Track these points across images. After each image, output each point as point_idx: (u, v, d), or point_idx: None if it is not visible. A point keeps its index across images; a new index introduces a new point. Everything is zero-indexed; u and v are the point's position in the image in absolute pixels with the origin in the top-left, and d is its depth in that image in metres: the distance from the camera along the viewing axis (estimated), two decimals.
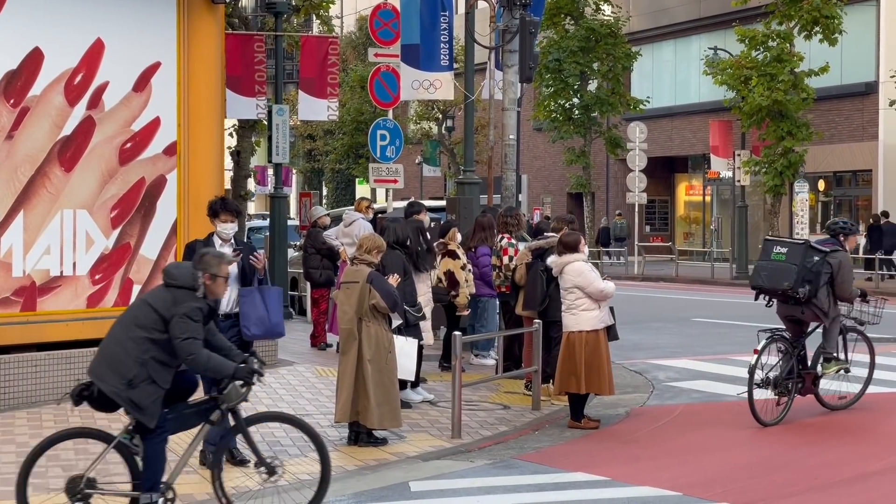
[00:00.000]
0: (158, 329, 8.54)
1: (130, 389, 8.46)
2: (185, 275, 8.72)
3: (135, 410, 8.53)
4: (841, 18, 34.70)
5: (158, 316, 8.55)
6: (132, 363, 8.49)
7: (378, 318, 11.34)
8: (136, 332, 8.59)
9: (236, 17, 24.66)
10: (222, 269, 8.84)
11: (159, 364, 8.52)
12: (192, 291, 8.60)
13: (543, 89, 42.45)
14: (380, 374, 11.26)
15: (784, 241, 13.25)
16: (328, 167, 60.43)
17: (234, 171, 26.77)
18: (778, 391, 12.59)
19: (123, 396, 8.49)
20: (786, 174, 35.43)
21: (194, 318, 8.50)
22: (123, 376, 8.47)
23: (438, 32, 18.68)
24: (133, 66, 14.27)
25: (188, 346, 8.45)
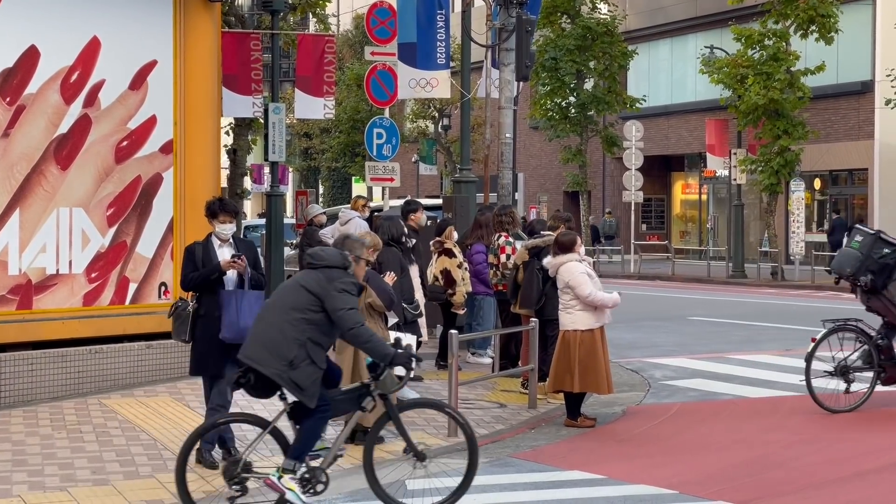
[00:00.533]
0: (313, 309, 8.69)
1: (292, 370, 8.65)
2: (333, 255, 8.93)
3: (296, 391, 8.71)
4: (837, 17, 34.73)
5: (313, 295, 8.70)
6: (291, 344, 8.65)
7: (374, 317, 11.33)
8: (292, 314, 8.71)
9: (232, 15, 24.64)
10: (364, 251, 9.19)
11: (316, 345, 8.72)
12: (343, 270, 8.80)
13: (540, 88, 42.45)
14: None
15: (864, 231, 13.30)
16: (325, 165, 60.43)
17: (231, 170, 26.75)
18: (847, 379, 12.75)
19: (285, 377, 8.67)
20: (782, 173, 35.44)
21: (351, 291, 8.71)
22: (284, 358, 8.64)
23: (435, 31, 18.69)
24: (129, 64, 14.27)
25: (352, 316, 8.64)
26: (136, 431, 11.67)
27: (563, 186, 49.30)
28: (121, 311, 14.19)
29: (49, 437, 11.45)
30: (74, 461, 10.47)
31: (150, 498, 9.30)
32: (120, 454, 10.74)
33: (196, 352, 10.37)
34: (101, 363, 13.88)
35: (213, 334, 10.17)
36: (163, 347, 14.35)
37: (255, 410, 12.68)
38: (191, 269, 10.30)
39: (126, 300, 14.27)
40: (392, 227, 13.41)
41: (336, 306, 8.61)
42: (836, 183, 42.42)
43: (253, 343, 8.81)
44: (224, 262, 10.19)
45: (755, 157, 36.58)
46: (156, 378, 14.27)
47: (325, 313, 8.67)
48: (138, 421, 12.12)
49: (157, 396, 13.44)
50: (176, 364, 14.36)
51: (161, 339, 14.32)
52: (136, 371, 14.17)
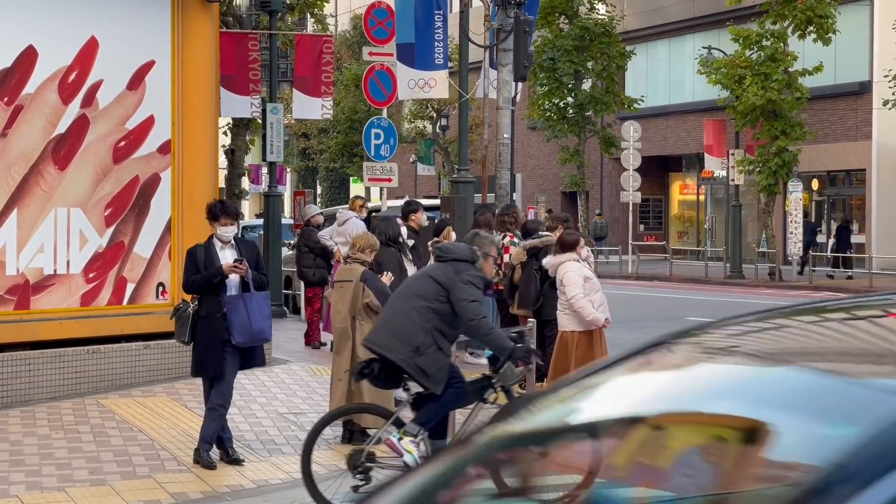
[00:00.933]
0: (440, 299, 8.92)
1: (418, 356, 8.84)
2: (462, 249, 9.19)
3: (422, 377, 8.91)
4: (835, 18, 34.75)
5: (439, 286, 8.93)
6: (418, 331, 8.86)
7: (372, 317, 11.30)
8: (418, 302, 8.95)
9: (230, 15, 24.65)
10: (492, 249, 9.33)
11: (442, 333, 8.91)
12: (471, 264, 9.01)
13: (538, 88, 42.47)
14: None
15: None
16: (322, 166, 60.43)
17: (229, 170, 26.76)
18: None
19: (411, 363, 8.86)
20: (780, 173, 35.46)
21: (477, 284, 8.90)
22: (410, 344, 8.84)
23: (433, 31, 18.68)
24: (127, 64, 14.26)
25: (475, 308, 8.82)
26: (133, 432, 11.67)
27: (561, 187, 49.34)
28: (118, 311, 14.18)
29: (47, 437, 11.44)
30: (72, 461, 10.46)
31: (147, 498, 9.30)
32: (117, 454, 10.74)
33: (196, 353, 10.37)
34: (99, 363, 13.87)
35: (214, 335, 10.17)
36: (160, 348, 14.34)
37: (253, 412, 12.69)
38: (193, 271, 10.31)
39: (124, 300, 14.26)
40: (389, 227, 13.43)
41: (460, 297, 8.85)
42: (833, 184, 42.44)
43: (380, 330, 9.10)
44: (226, 267, 10.19)
45: (753, 158, 36.59)
46: (153, 378, 14.26)
47: (451, 304, 8.90)
48: (136, 421, 12.12)
49: (155, 397, 13.43)
50: (174, 364, 14.36)
51: (159, 340, 14.32)
52: (134, 371, 14.16)
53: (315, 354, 17.38)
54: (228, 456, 10.40)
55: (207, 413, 10.32)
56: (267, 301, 10.42)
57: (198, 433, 10.63)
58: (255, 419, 12.32)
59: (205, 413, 10.40)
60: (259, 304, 10.25)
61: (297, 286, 24.19)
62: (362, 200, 18.93)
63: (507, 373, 9.03)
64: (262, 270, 10.56)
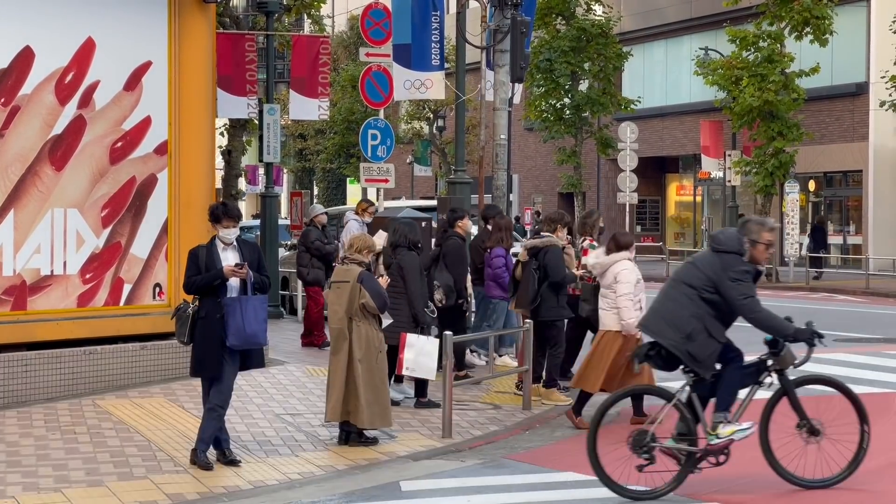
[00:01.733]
0: (709, 290, 9.23)
1: (689, 343, 9.18)
2: (731, 239, 9.41)
3: (692, 362, 9.24)
4: (832, 19, 34.76)
5: (707, 277, 9.25)
6: (689, 318, 9.18)
7: (368, 318, 11.31)
8: (687, 290, 9.27)
9: (227, 16, 24.64)
10: (763, 235, 9.48)
11: (715, 320, 9.23)
12: (739, 256, 9.27)
13: (535, 89, 42.43)
14: (370, 373, 11.22)
15: None
16: (319, 166, 60.40)
17: (225, 171, 26.74)
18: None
19: (682, 349, 9.21)
20: (776, 174, 35.47)
21: (744, 279, 9.20)
22: (682, 330, 9.19)
23: (430, 32, 18.67)
24: (124, 65, 14.27)
25: (750, 305, 9.17)
26: (130, 432, 11.67)
27: (558, 188, 49.30)
28: (115, 312, 14.18)
29: (43, 437, 11.44)
30: (68, 462, 10.46)
31: (144, 499, 9.30)
32: (114, 455, 10.74)
33: (195, 353, 10.38)
34: (96, 364, 13.87)
35: (213, 336, 10.18)
36: (157, 348, 14.34)
37: (249, 413, 12.69)
38: (194, 272, 10.31)
39: (120, 301, 14.26)
40: (410, 231, 13.35)
41: (732, 296, 9.17)
42: (830, 185, 42.46)
43: (653, 315, 9.43)
44: (227, 270, 10.20)
45: (750, 159, 36.61)
46: (150, 379, 14.26)
47: (721, 295, 9.18)
48: (132, 422, 12.12)
49: (152, 397, 13.43)
50: (170, 365, 14.35)
51: (156, 340, 14.32)
52: (131, 372, 14.16)
53: (311, 355, 17.38)
54: (225, 457, 10.41)
55: (206, 413, 10.32)
56: (264, 305, 10.40)
57: (194, 434, 10.63)
58: (251, 420, 12.33)
59: (203, 413, 10.40)
60: (255, 308, 10.24)
61: (294, 287, 24.19)
62: (366, 204, 18.81)
63: (786, 356, 9.39)
64: (265, 272, 10.56)
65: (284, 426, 12.10)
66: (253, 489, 9.67)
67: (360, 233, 13.97)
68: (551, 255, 13.66)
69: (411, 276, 12.86)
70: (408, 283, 12.85)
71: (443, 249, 14.80)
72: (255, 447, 11.15)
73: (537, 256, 13.75)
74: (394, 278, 12.69)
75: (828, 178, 42.27)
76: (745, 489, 9.67)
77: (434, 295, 14.10)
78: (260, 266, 10.48)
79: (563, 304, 13.81)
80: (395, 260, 13.00)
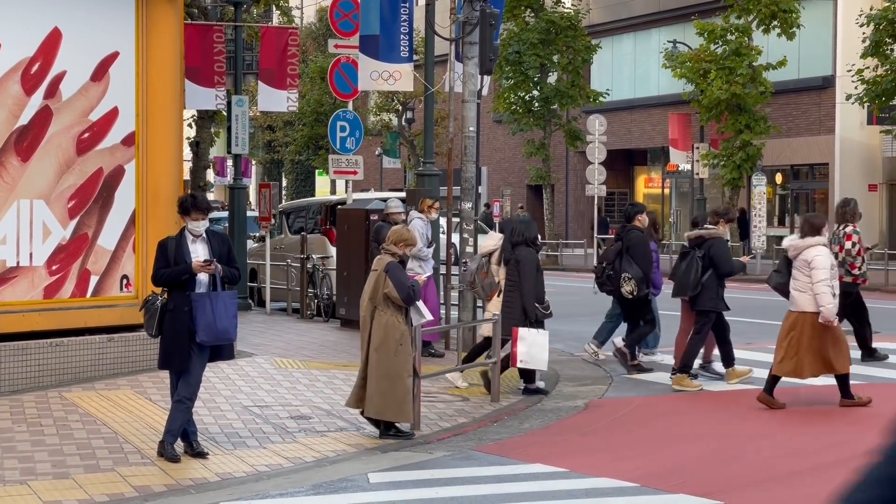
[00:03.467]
0: None
1: None
2: None
3: None
4: (799, 13, 34.95)
5: None
6: None
7: (391, 308, 11.36)
8: None
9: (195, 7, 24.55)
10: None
11: None
12: None
13: (503, 81, 42.49)
14: (386, 363, 11.25)
15: None
16: (288, 158, 60.30)
17: (194, 162, 26.67)
18: None
19: None
20: (744, 167, 35.64)
21: None
22: None
23: (398, 24, 18.65)
24: (91, 55, 14.19)
25: None
26: (97, 425, 11.62)
27: (527, 180, 49.38)
28: (82, 303, 14.12)
29: (9, 430, 11.38)
30: (34, 454, 10.41)
31: (110, 491, 9.26)
32: (81, 447, 10.70)
33: (163, 346, 10.34)
34: (62, 356, 13.81)
35: (181, 329, 10.15)
36: (124, 340, 14.29)
37: (217, 405, 12.67)
38: (162, 264, 10.28)
39: (87, 293, 14.20)
40: (527, 229, 13.82)
41: None
42: (797, 177, 42.68)
43: None
44: (196, 265, 10.16)
45: (717, 152, 36.78)
46: (117, 371, 14.21)
47: None
48: (99, 414, 12.07)
49: (119, 390, 13.38)
50: (138, 357, 14.31)
51: (123, 332, 14.27)
52: (98, 364, 14.10)
53: (281, 347, 17.35)
54: (193, 449, 10.38)
55: (174, 405, 10.29)
56: (234, 300, 10.40)
57: (162, 426, 10.60)
58: (219, 412, 12.30)
59: (171, 405, 10.37)
60: (226, 303, 10.24)
61: (262, 279, 24.15)
62: (431, 201, 18.65)
63: None
64: (235, 264, 10.53)
65: (252, 418, 12.08)
66: (220, 481, 9.65)
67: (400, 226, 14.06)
68: (717, 247, 14.23)
69: (526, 271, 13.35)
70: (521, 278, 13.36)
71: (625, 242, 15.33)
72: (223, 439, 11.13)
73: (701, 246, 14.23)
74: (510, 273, 13.38)
75: (794, 170, 42.49)
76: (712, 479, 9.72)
77: (623, 287, 14.99)
78: (230, 258, 10.46)
79: (721, 296, 14.37)
80: (513, 256, 13.49)
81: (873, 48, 32.41)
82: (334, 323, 20.74)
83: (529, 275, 13.36)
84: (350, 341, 18.20)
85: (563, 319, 21.00)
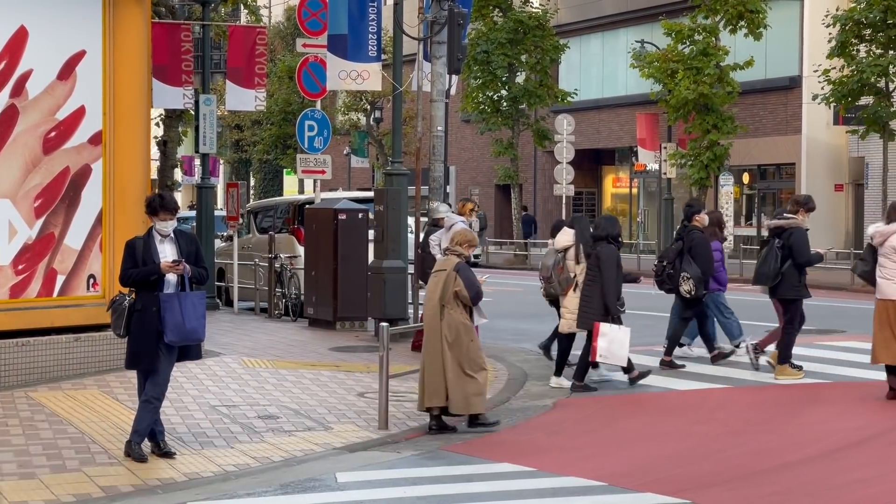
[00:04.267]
0: None
1: None
2: None
3: None
4: (765, 13, 35.11)
5: None
6: None
7: (459, 307, 11.66)
8: None
9: (163, 5, 24.46)
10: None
11: None
12: None
13: (472, 81, 42.52)
14: (462, 359, 11.56)
15: None
16: (256, 157, 60.11)
17: (161, 161, 26.58)
18: None
19: None
20: (711, 167, 35.78)
21: None
22: None
23: (367, 23, 18.66)
24: (57, 54, 14.13)
25: None
26: (63, 425, 11.57)
27: (495, 179, 49.43)
28: (48, 303, 14.05)
29: None
30: (0, 454, 10.36)
31: (77, 492, 9.23)
32: (47, 447, 10.65)
33: (130, 346, 10.31)
34: (28, 356, 13.74)
35: (149, 329, 10.13)
36: (91, 340, 14.23)
37: (185, 405, 12.63)
38: (130, 264, 10.24)
39: (54, 292, 14.13)
40: (609, 225, 14.15)
41: None
42: (764, 177, 42.89)
43: None
44: (164, 266, 10.14)
45: (685, 152, 36.91)
46: (84, 371, 14.15)
47: None
48: (66, 414, 12.02)
49: (86, 389, 13.33)
50: (104, 357, 14.25)
51: (90, 332, 14.21)
52: (64, 364, 14.04)
53: (247, 347, 17.31)
54: (160, 449, 10.35)
55: (141, 405, 10.26)
56: (202, 300, 10.37)
57: (129, 426, 10.56)
58: (186, 412, 12.27)
59: (139, 405, 10.34)
60: (194, 303, 10.22)
61: (230, 278, 24.09)
62: (472, 204, 18.55)
63: None
64: (202, 264, 10.51)
65: (220, 418, 12.06)
66: (188, 481, 9.63)
67: (462, 227, 14.10)
68: (797, 237, 14.38)
69: (607, 266, 13.63)
70: (603, 274, 13.64)
71: (687, 242, 15.52)
72: (191, 439, 11.10)
73: (781, 236, 14.38)
74: (591, 268, 13.71)
75: (761, 170, 42.69)
76: (680, 478, 9.76)
77: (682, 286, 15.27)
78: (198, 258, 10.44)
79: (803, 283, 14.57)
80: (595, 251, 13.78)
81: (839, 49, 32.59)
82: (302, 322, 20.71)
83: (611, 271, 13.66)
84: (318, 341, 18.19)
85: (531, 319, 21.05)
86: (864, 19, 32.04)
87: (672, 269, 15.54)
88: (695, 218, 15.86)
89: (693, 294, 15.27)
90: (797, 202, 15.00)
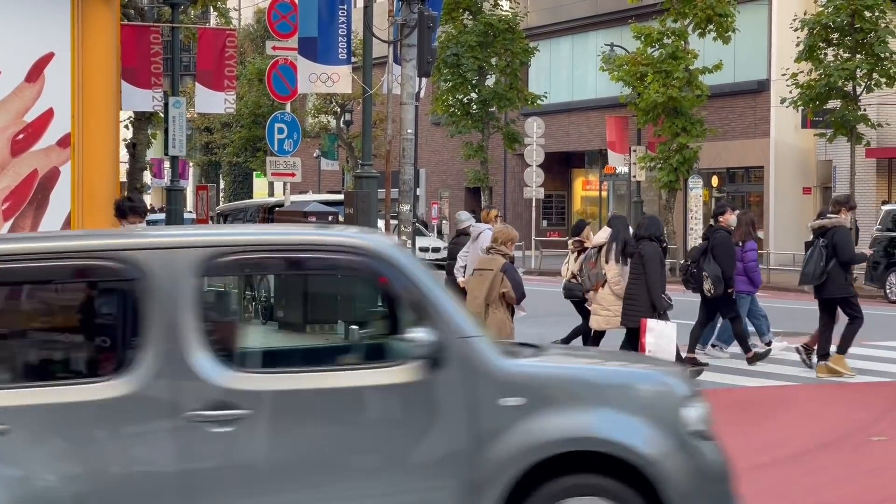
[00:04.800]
0: None
1: None
2: None
3: None
4: (734, 17, 35.24)
5: None
6: None
7: (504, 307, 11.81)
8: None
9: (132, 7, 24.40)
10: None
11: None
12: None
13: (442, 84, 42.52)
14: None
15: None
16: (225, 160, 60.02)
17: (130, 164, 26.50)
18: None
19: None
20: (680, 170, 35.89)
21: None
22: None
23: (337, 26, 18.64)
24: (25, 56, 14.05)
25: None
26: None
27: (465, 182, 49.44)
28: None
29: None
30: None
31: None
32: None
33: None
34: None
35: None
36: None
37: None
38: None
39: None
40: (652, 224, 14.35)
41: None
42: (732, 180, 43.07)
43: None
44: None
45: (654, 155, 37.01)
46: None
47: None
48: None
49: None
50: None
51: None
52: None
53: None
54: None
55: None
56: None
57: None
58: None
59: None
60: None
61: None
62: (497, 211, 18.41)
63: None
64: None
65: None
66: None
67: (503, 226, 14.15)
68: (840, 236, 14.53)
69: (651, 264, 13.76)
70: (647, 271, 13.75)
71: (711, 242, 15.65)
72: None
73: (825, 235, 14.54)
74: (635, 266, 13.86)
75: (730, 173, 42.86)
76: None
77: (703, 285, 15.37)
78: None
79: (850, 282, 14.75)
80: (638, 249, 13.95)
81: (807, 52, 32.75)
82: (272, 325, 20.63)
83: (655, 268, 13.80)
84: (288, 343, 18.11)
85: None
86: (832, 23, 32.21)
87: (696, 269, 15.71)
88: (720, 218, 16.00)
89: (713, 293, 15.35)
90: (838, 202, 15.28)
